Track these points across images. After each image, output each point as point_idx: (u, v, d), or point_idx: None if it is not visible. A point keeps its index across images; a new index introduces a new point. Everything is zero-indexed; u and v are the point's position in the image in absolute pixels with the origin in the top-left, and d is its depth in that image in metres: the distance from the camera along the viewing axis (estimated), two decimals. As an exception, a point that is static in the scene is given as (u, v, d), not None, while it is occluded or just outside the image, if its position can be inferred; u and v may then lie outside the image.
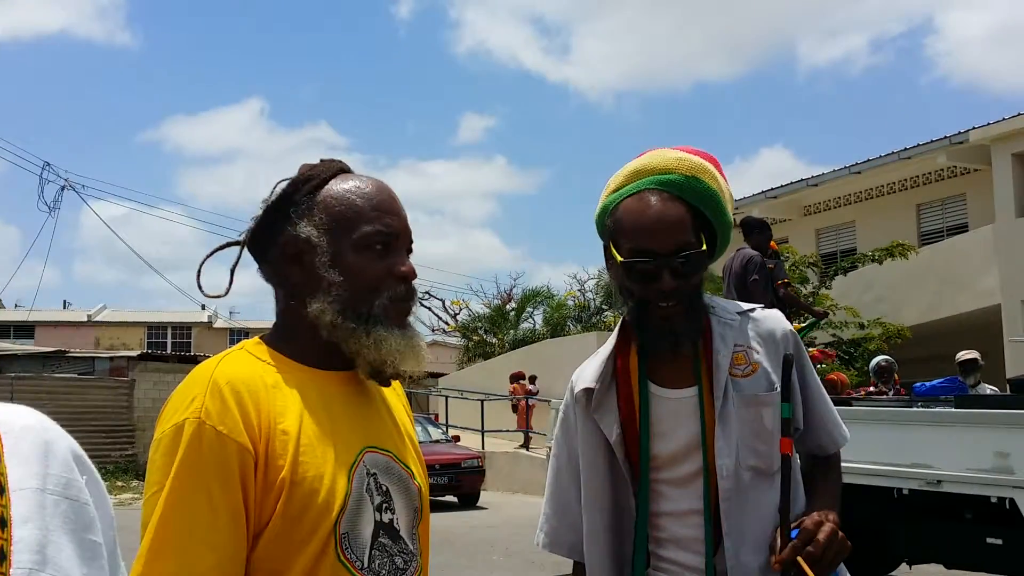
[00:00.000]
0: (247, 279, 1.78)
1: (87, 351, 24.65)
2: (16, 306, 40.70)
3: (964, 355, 9.64)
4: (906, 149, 18.39)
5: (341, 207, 1.54)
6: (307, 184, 1.56)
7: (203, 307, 41.21)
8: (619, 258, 2.00)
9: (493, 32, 75.48)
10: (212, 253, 1.66)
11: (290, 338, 1.56)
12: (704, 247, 1.99)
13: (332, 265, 1.52)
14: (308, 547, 1.40)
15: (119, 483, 19.34)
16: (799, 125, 69.64)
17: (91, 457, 0.98)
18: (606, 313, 27.36)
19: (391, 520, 1.52)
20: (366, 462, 1.51)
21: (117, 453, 19.58)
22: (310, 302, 1.52)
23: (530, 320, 28.72)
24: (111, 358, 22.09)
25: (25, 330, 37.81)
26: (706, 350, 2.03)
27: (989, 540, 6.44)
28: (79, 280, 77.06)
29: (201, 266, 1.63)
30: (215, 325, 41.53)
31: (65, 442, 0.93)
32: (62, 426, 0.98)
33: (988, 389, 9.52)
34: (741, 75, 69.55)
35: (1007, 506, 6.10)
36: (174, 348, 37.79)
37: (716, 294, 2.23)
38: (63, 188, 28.51)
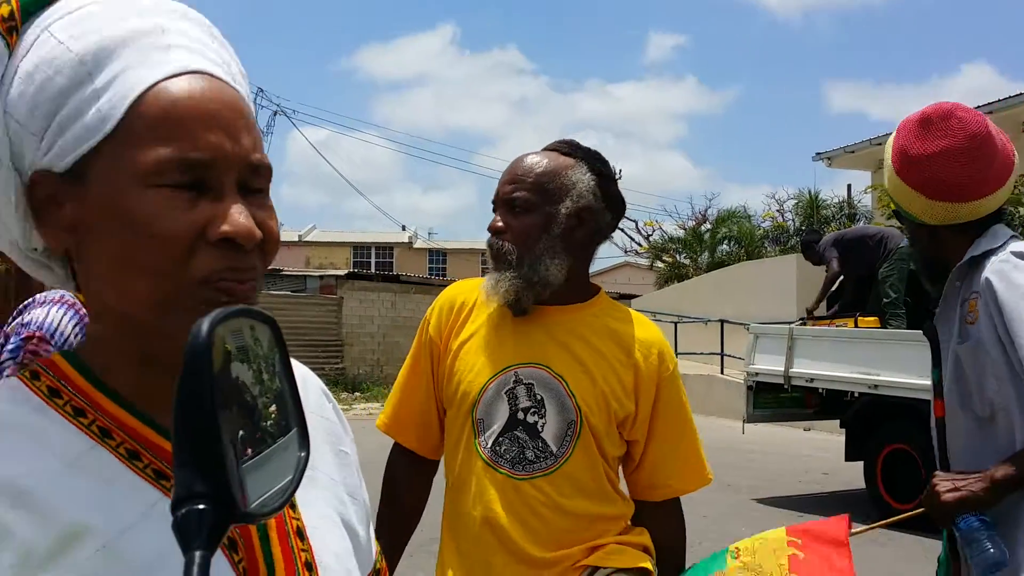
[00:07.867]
0: (445, 201, 2.14)
1: (299, 269, 25.65)
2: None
3: None
4: None
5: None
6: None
7: (403, 228, 42.67)
8: None
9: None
10: None
11: None
12: None
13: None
14: (458, 420, 2.02)
15: (330, 394, 20.38)
16: (1003, 38, 64.15)
17: None
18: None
19: (535, 423, 1.94)
20: (520, 373, 1.97)
21: (328, 367, 20.64)
22: None
23: (726, 242, 27.98)
24: (321, 276, 22.94)
25: (243, 249, 39.99)
26: None
27: None
28: (288, 202, 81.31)
29: None
30: (415, 245, 42.94)
31: (315, 377, 1.09)
32: None
33: None
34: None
35: None
36: (377, 268, 39.21)
37: None
38: (275, 113, 29.95)
